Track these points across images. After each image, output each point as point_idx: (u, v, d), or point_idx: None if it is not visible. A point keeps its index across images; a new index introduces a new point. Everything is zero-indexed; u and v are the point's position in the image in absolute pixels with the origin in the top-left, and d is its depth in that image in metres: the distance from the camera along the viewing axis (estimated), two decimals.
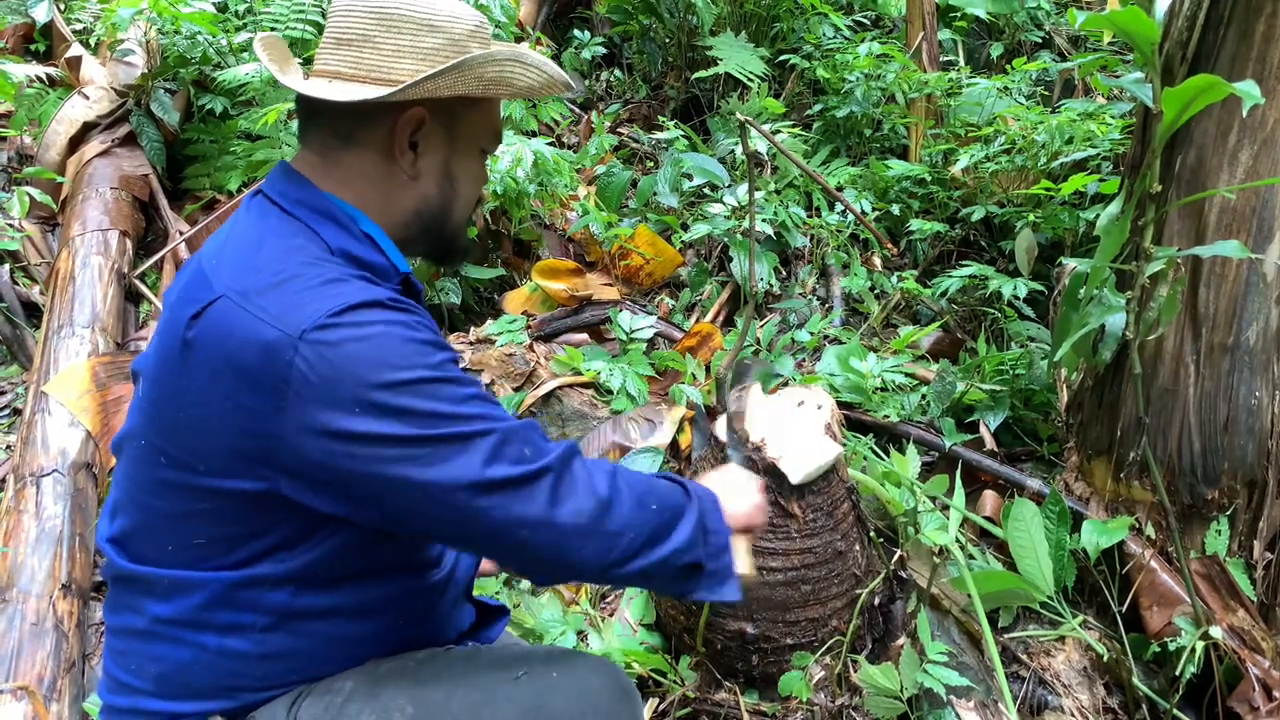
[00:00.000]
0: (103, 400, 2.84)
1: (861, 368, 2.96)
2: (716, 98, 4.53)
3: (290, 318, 1.13)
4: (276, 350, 1.12)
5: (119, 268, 3.29)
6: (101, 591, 2.59)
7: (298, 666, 1.31)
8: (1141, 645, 2.17)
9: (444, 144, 1.35)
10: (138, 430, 1.29)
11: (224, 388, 1.15)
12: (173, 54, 3.97)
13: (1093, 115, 3.48)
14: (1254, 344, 2.06)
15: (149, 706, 1.30)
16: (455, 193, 1.39)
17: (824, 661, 2.09)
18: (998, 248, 3.72)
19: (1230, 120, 1.95)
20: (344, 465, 1.14)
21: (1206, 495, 2.15)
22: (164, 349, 1.24)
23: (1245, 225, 1.99)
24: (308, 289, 1.17)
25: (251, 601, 1.26)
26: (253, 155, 3.80)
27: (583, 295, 3.31)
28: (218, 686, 1.29)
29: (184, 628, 1.27)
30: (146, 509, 1.28)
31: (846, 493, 2.14)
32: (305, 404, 1.11)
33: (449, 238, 1.42)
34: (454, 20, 1.30)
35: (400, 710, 1.27)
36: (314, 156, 1.32)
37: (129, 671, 1.31)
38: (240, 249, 1.25)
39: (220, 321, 1.17)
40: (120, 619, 1.33)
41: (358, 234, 1.30)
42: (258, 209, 1.31)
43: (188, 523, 1.25)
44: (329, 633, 1.31)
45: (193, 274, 1.27)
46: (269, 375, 1.12)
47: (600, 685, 1.32)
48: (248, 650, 1.28)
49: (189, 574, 1.26)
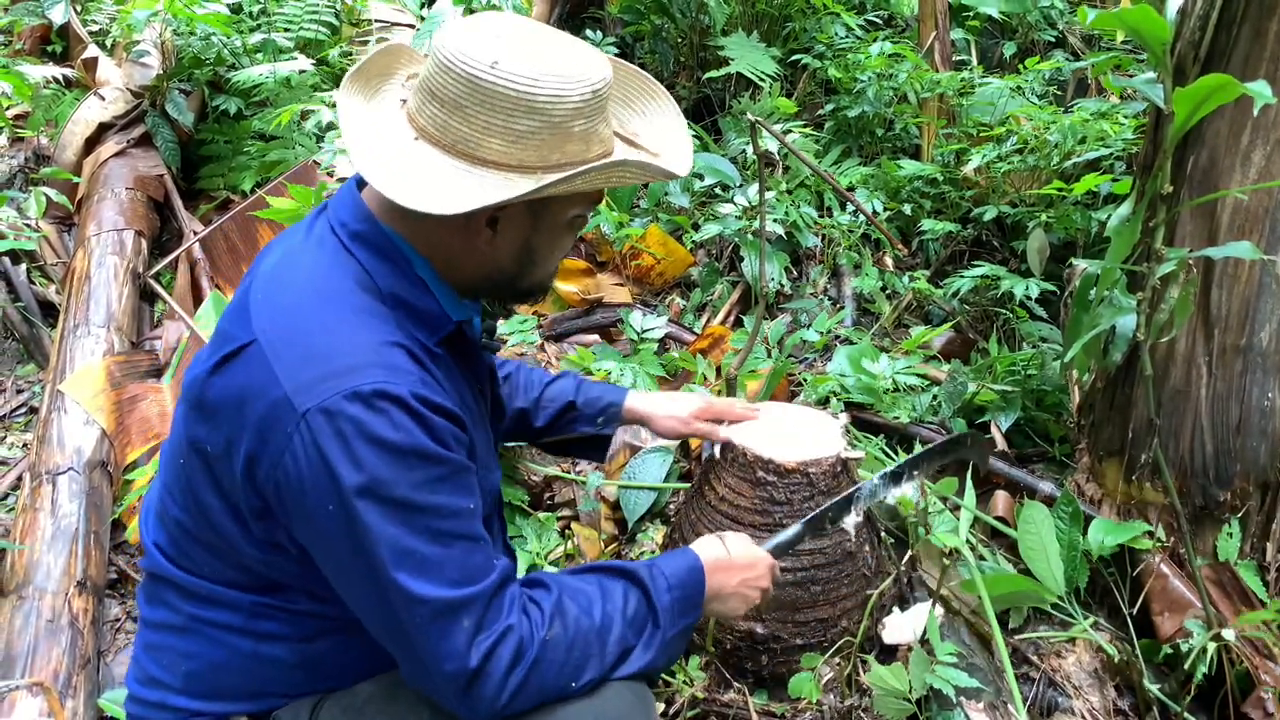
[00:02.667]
0: (117, 399, 2.87)
1: (873, 368, 2.95)
2: (728, 97, 4.53)
3: (305, 390, 1.13)
4: (283, 417, 1.13)
5: (134, 267, 3.31)
6: (116, 589, 2.62)
7: (329, 674, 1.34)
8: (1153, 650, 2.17)
9: (526, 223, 1.27)
10: (176, 449, 1.31)
11: (244, 433, 1.17)
12: (187, 55, 4.00)
13: (1106, 115, 3.46)
14: (1267, 345, 2.05)
15: (176, 703, 1.33)
16: (533, 263, 1.33)
17: (833, 662, 2.08)
18: (1010, 248, 3.70)
19: (1243, 120, 1.94)
20: (310, 537, 1.18)
21: (1219, 497, 2.15)
22: (200, 376, 1.25)
23: (1258, 226, 1.98)
24: (334, 356, 1.15)
25: (288, 616, 1.29)
26: (266, 156, 3.82)
27: (594, 296, 3.32)
28: (248, 690, 1.32)
29: (221, 630, 1.30)
30: (186, 523, 1.30)
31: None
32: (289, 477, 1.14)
33: (521, 291, 1.38)
34: (556, 100, 1.17)
35: (416, 715, 1.30)
36: (388, 203, 1.24)
37: (160, 666, 1.34)
38: (286, 288, 1.24)
39: (247, 369, 1.18)
40: (157, 613, 1.36)
41: (413, 278, 1.26)
42: (317, 237, 1.28)
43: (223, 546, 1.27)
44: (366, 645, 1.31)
45: (239, 301, 1.28)
46: (274, 436, 1.14)
47: (615, 689, 1.32)
48: (284, 658, 1.31)
49: (224, 591, 1.29)
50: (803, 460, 2.02)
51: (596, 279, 3.42)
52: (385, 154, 1.21)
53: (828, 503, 1.82)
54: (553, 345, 3.13)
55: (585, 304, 3.29)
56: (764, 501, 2.04)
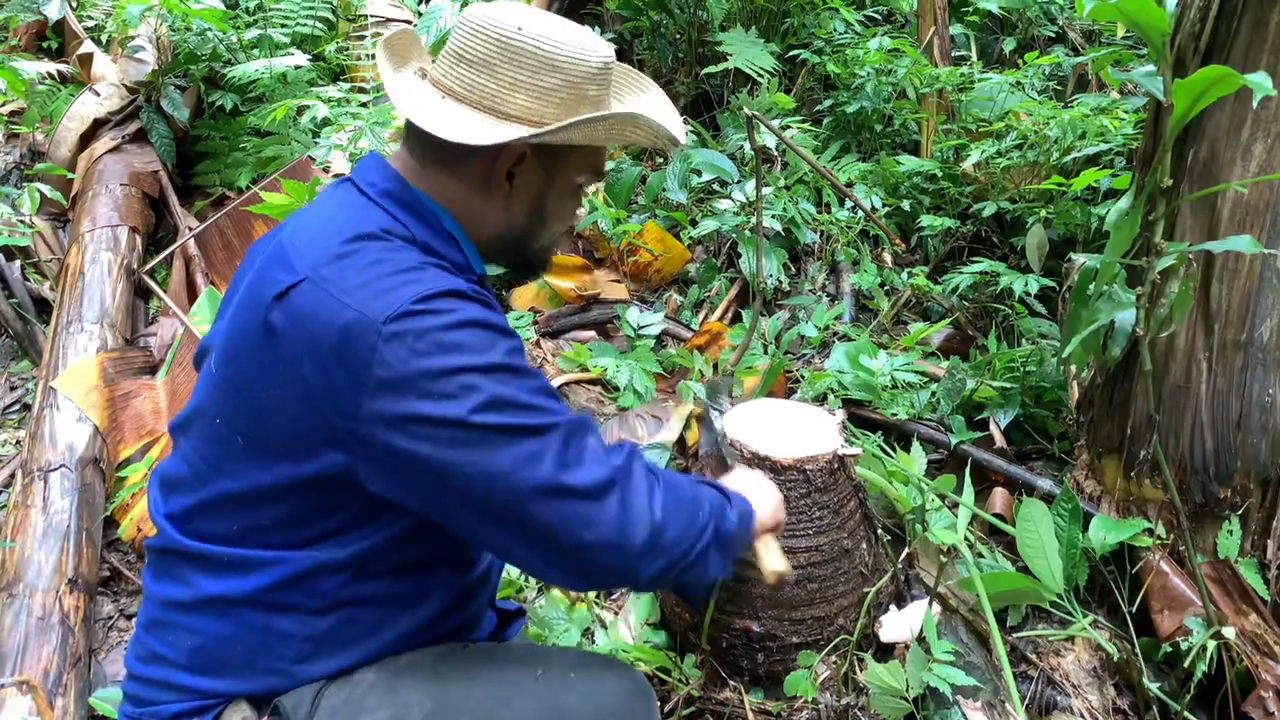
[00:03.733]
0: (111, 396, 2.85)
1: (871, 365, 2.93)
2: (727, 93, 4.51)
3: (374, 304, 1.15)
4: (359, 335, 1.14)
5: (128, 264, 3.30)
6: (109, 587, 2.60)
7: (336, 651, 1.32)
8: (1152, 648, 2.15)
9: (540, 180, 1.35)
10: (210, 408, 1.30)
11: (306, 370, 1.18)
12: (183, 51, 3.98)
13: (1106, 110, 3.44)
14: (1267, 340, 2.03)
15: (178, 680, 1.31)
16: (543, 224, 1.40)
17: (830, 660, 2.07)
18: (1009, 244, 3.68)
19: (1243, 113, 1.92)
20: (416, 449, 1.15)
21: (1219, 494, 2.12)
22: (243, 327, 1.26)
23: (1259, 220, 1.96)
24: (390, 275, 1.19)
25: (310, 585, 1.28)
26: (262, 151, 3.81)
27: (590, 292, 3.30)
28: (252, 666, 1.31)
29: (233, 605, 1.29)
30: (214, 487, 1.29)
31: (853, 490, 2.12)
32: (385, 388, 1.14)
33: (528, 257, 1.45)
34: (576, 61, 1.28)
35: (419, 705, 1.29)
36: (412, 161, 1.33)
37: (164, 643, 1.32)
38: (324, 231, 1.27)
39: (305, 303, 1.19)
40: (164, 588, 1.34)
41: (441, 231, 1.32)
42: (343, 194, 1.34)
43: (257, 503, 1.27)
44: (375, 619, 1.33)
45: (273, 253, 1.29)
46: (351, 359, 1.15)
47: (617, 686, 1.34)
48: (293, 631, 1.30)
49: (250, 553, 1.28)
50: (799, 457, 2.00)
51: (594, 275, 3.41)
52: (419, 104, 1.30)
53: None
54: (549, 341, 3.11)
55: (582, 300, 3.27)
56: None
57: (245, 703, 1.32)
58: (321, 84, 3.96)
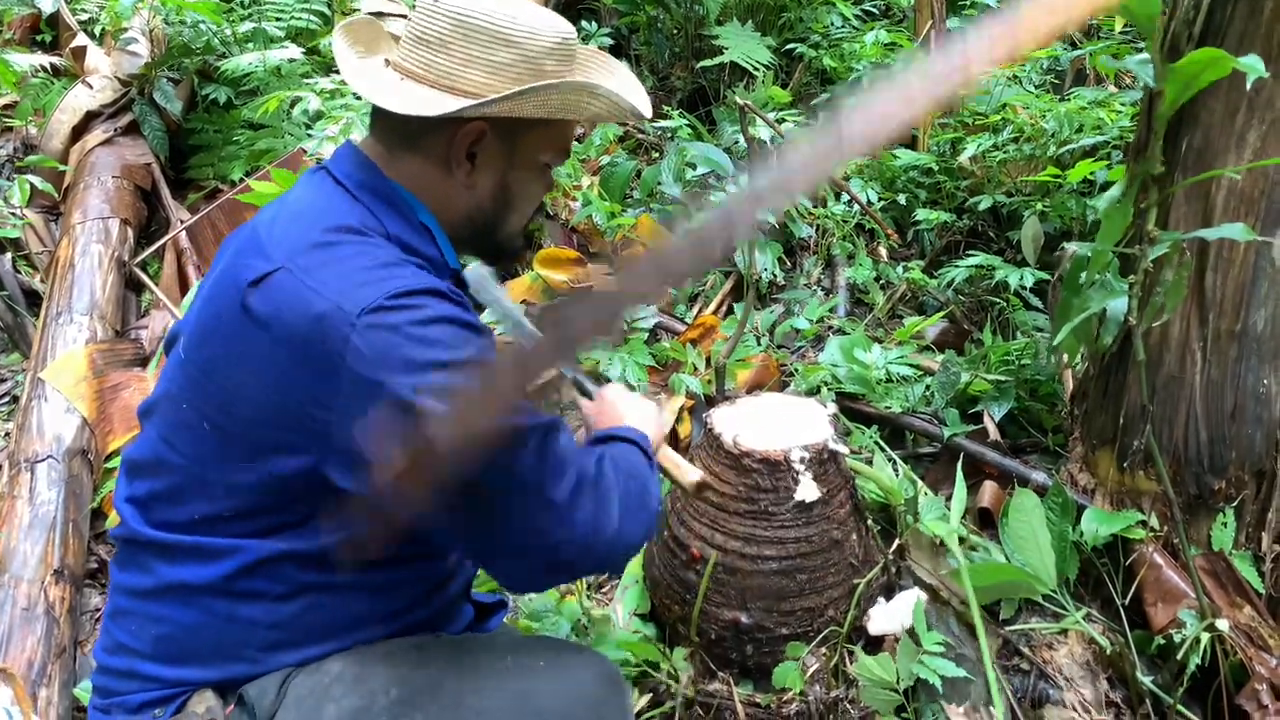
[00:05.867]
0: (99, 387, 2.83)
1: (866, 359, 2.91)
2: (723, 88, 4.50)
3: (349, 296, 1.15)
4: (333, 326, 1.14)
5: (119, 256, 3.28)
6: (96, 579, 2.59)
7: (303, 639, 1.31)
8: (1146, 641, 2.13)
9: (502, 158, 1.35)
10: (177, 394, 1.29)
11: (277, 358, 1.17)
12: (176, 43, 3.97)
13: (1102, 103, 3.42)
14: (1262, 330, 2.01)
15: (143, 669, 1.29)
16: (509, 206, 1.40)
17: (819, 652, 2.05)
18: (1005, 238, 3.66)
19: (1238, 100, 1.90)
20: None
21: (1213, 486, 2.11)
22: (216, 314, 1.25)
23: (1254, 208, 1.94)
24: (368, 269, 1.19)
25: (273, 572, 1.27)
26: (255, 145, 3.79)
27: (584, 286, 3.28)
28: (218, 654, 1.29)
29: (196, 592, 1.27)
30: (178, 474, 1.28)
31: (844, 482, 2.10)
32: (356, 381, 1.13)
33: (499, 244, 1.44)
34: (532, 36, 1.28)
35: (385, 693, 1.27)
36: (380, 147, 1.34)
37: (128, 632, 1.31)
38: (301, 221, 1.27)
39: (279, 292, 1.18)
40: (128, 577, 1.33)
41: (415, 224, 1.32)
42: (320, 184, 1.33)
43: (223, 490, 1.25)
44: (342, 608, 1.32)
45: (248, 241, 1.28)
46: (323, 350, 1.14)
47: (588, 675, 1.32)
48: (259, 618, 1.28)
49: (213, 541, 1.26)
50: (786, 449, 1.99)
51: (587, 268, 3.39)
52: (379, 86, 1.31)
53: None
54: None
55: (575, 293, 3.25)
56: (749, 489, 2.01)
57: (210, 691, 1.30)
58: (316, 77, 3.94)
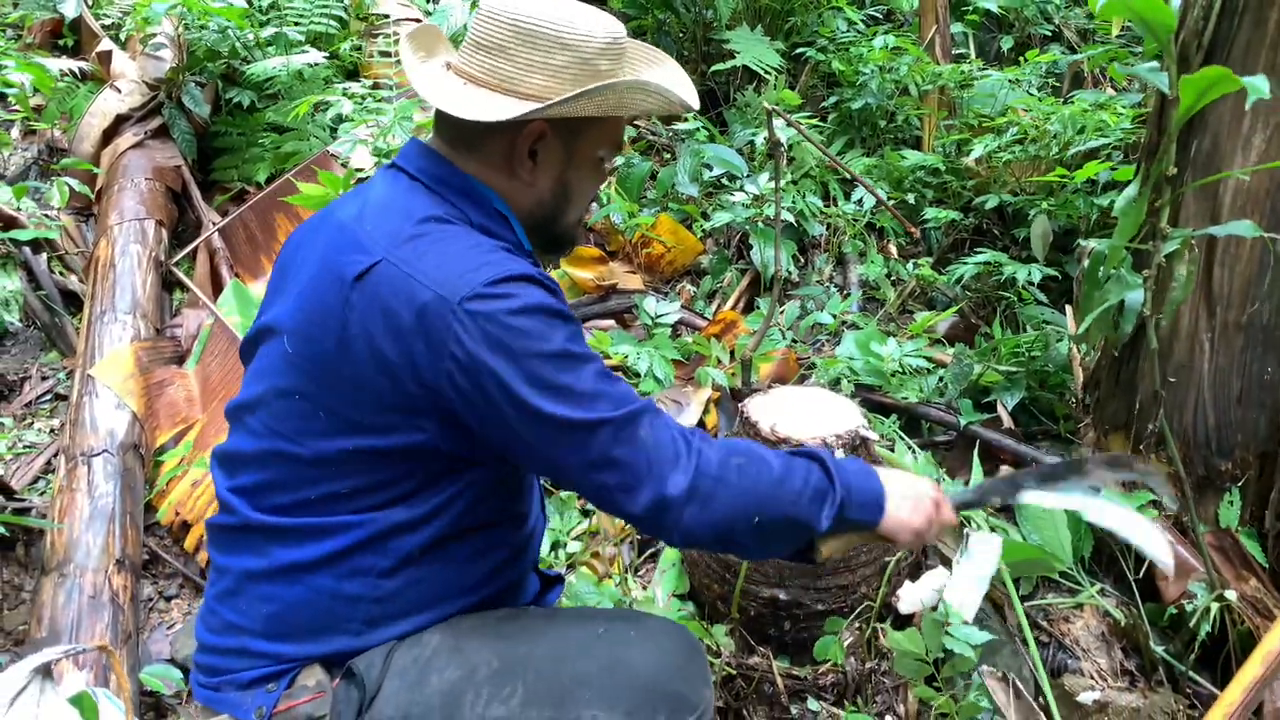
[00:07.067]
0: (146, 384, 2.93)
1: (881, 352, 3.04)
2: (732, 90, 4.61)
3: (450, 285, 1.24)
4: (437, 314, 1.23)
5: (156, 256, 3.38)
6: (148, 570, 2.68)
7: (403, 612, 1.39)
8: (1157, 613, 2.26)
9: (561, 156, 1.41)
10: (290, 387, 1.36)
11: (386, 346, 1.26)
12: (201, 48, 4.05)
13: (1104, 106, 3.56)
14: (1267, 321, 2.15)
15: (255, 646, 1.37)
16: (568, 200, 1.46)
17: (853, 627, 2.17)
18: (1011, 235, 3.80)
19: (1244, 106, 2.03)
20: (490, 411, 1.26)
21: (1220, 467, 2.24)
22: (324, 309, 1.33)
23: (1259, 207, 2.08)
24: (464, 256, 1.28)
25: (383, 547, 1.35)
26: (280, 147, 3.88)
27: (608, 283, 3.40)
28: (325, 629, 1.37)
29: (307, 570, 1.35)
30: (291, 461, 1.36)
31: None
32: (460, 364, 1.23)
33: (558, 235, 1.50)
34: (586, 39, 1.34)
35: (486, 664, 1.35)
36: (446, 146, 1.41)
37: (238, 612, 1.38)
38: (390, 214, 1.36)
39: (383, 283, 1.27)
40: (237, 560, 1.40)
41: (493, 212, 1.41)
42: (396, 181, 1.41)
43: (337, 472, 1.34)
44: (438, 579, 1.40)
45: (339, 237, 1.37)
46: (429, 337, 1.24)
47: (671, 642, 1.40)
48: (362, 593, 1.36)
49: (327, 519, 1.35)
50: (821, 436, 2.10)
51: (610, 266, 3.50)
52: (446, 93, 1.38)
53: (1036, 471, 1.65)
54: None
55: (600, 290, 3.37)
56: None
57: (319, 665, 1.38)
58: (337, 81, 4.04)
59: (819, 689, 2.13)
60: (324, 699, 1.35)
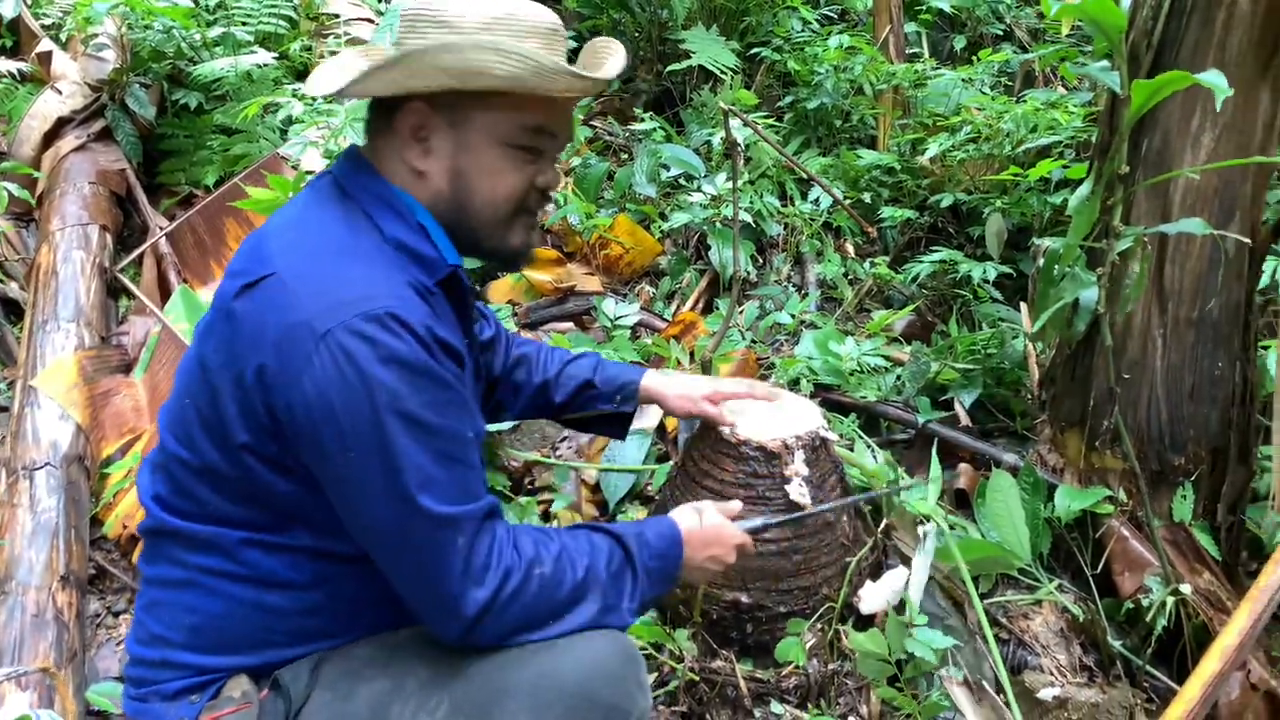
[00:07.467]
0: (91, 394, 2.85)
1: (840, 351, 3.05)
2: (688, 90, 4.60)
3: (324, 312, 1.21)
4: (300, 340, 1.20)
5: (100, 262, 3.29)
6: (95, 585, 2.60)
7: (329, 623, 1.37)
8: (1115, 608, 2.28)
9: (451, 139, 1.34)
10: (183, 390, 1.36)
11: (248, 359, 1.24)
12: (145, 48, 3.95)
13: (1056, 104, 3.60)
14: (1217, 317, 2.18)
15: (179, 658, 1.35)
16: (470, 190, 1.37)
17: (815, 628, 2.16)
18: (965, 233, 3.83)
19: (1193, 105, 2.06)
20: (324, 461, 1.24)
21: (1174, 462, 2.27)
22: (214, 312, 1.33)
23: (1209, 205, 2.10)
24: (353, 281, 1.25)
25: (293, 562, 1.33)
26: (229, 150, 3.80)
27: (567, 285, 3.37)
28: (250, 641, 1.35)
29: (224, 579, 1.33)
30: (186, 468, 1.34)
31: (833, 467, 2.22)
32: (307, 399, 1.20)
33: (476, 236, 1.41)
34: (462, 16, 1.29)
35: (415, 675, 1.33)
36: (368, 145, 1.41)
37: (162, 623, 1.36)
38: (302, 229, 1.34)
39: (266, 298, 1.25)
40: (158, 569, 1.38)
41: (412, 224, 1.36)
42: (325, 190, 1.39)
43: (222, 484, 1.31)
44: (366, 591, 1.37)
45: (254, 246, 1.35)
46: (287, 359, 1.21)
47: (607, 650, 1.36)
48: (286, 606, 1.34)
49: (229, 532, 1.32)
50: (780, 438, 2.09)
51: (567, 268, 3.47)
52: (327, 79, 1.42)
53: (821, 507, 2.01)
54: (528, 333, 3.17)
55: (559, 292, 3.34)
56: (748, 476, 2.11)
57: (245, 676, 1.36)
58: (286, 82, 3.96)
59: (782, 692, 2.12)
60: (249, 710, 1.33)
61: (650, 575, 1.45)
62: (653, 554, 1.47)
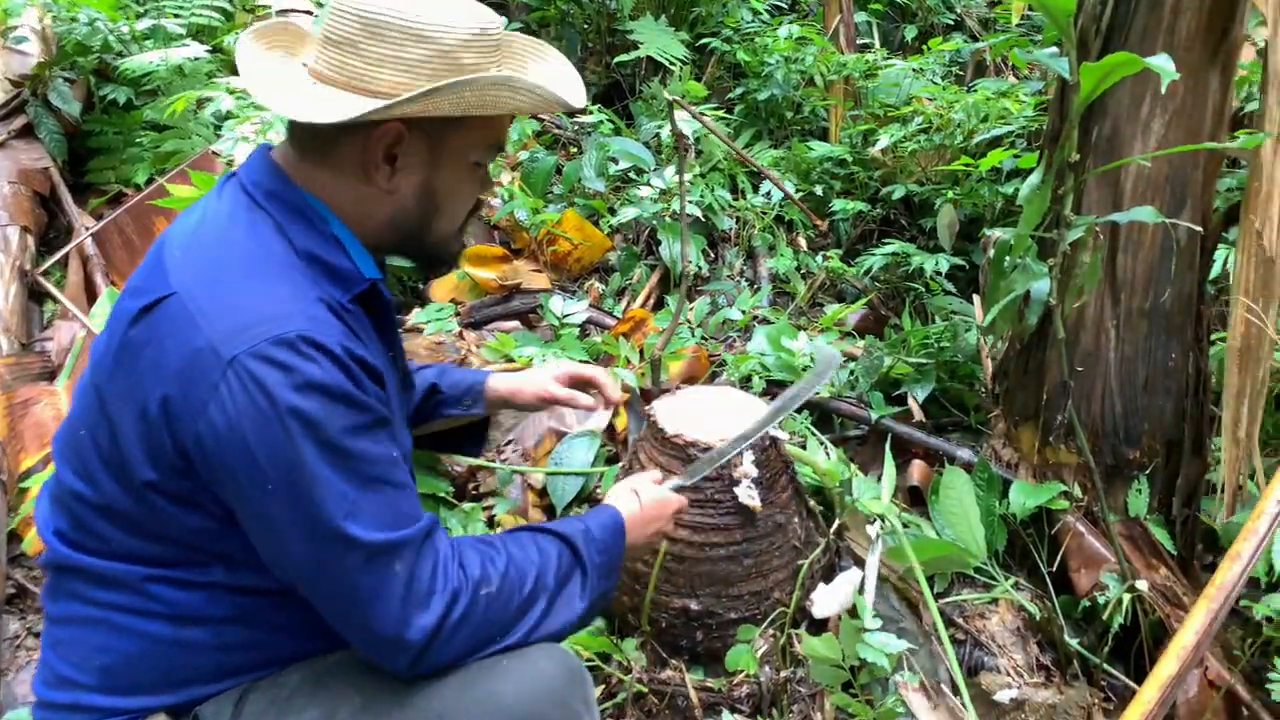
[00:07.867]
0: (9, 403, 2.71)
1: (792, 346, 2.99)
2: (638, 82, 4.52)
3: (231, 336, 1.12)
4: (206, 367, 1.11)
5: (21, 265, 3.14)
6: (15, 604, 2.48)
7: (252, 658, 1.29)
8: (1071, 605, 2.24)
9: (425, 160, 1.30)
10: (79, 418, 1.26)
11: (150, 387, 1.14)
12: (70, 42, 3.79)
13: (1007, 94, 3.57)
14: (1170, 308, 2.14)
15: (90, 702, 1.25)
16: (437, 208, 1.34)
17: (768, 635, 2.10)
18: (918, 225, 3.79)
19: (1142, 92, 2.02)
20: (232, 489, 1.15)
21: (1128, 455, 2.23)
22: (110, 334, 1.22)
23: (1160, 192, 2.06)
24: (262, 302, 1.16)
25: (209, 596, 1.24)
26: (160, 146, 3.65)
27: (512, 282, 3.27)
28: (169, 680, 1.26)
29: (138, 616, 1.24)
30: (89, 502, 1.24)
31: (784, 467, 2.16)
32: (215, 430, 1.11)
33: (430, 248, 1.38)
34: (446, 30, 1.22)
35: (347, 701, 1.26)
36: (294, 152, 1.29)
37: (71, 664, 1.26)
38: (204, 244, 1.23)
39: (166, 321, 1.15)
40: (64, 606, 1.28)
41: (327, 235, 1.27)
42: (230, 197, 1.28)
43: (134, 514, 1.22)
44: (292, 619, 1.29)
45: (154, 262, 1.24)
46: (193, 387, 1.12)
47: (551, 669, 1.30)
48: (205, 641, 1.25)
49: (135, 569, 1.23)
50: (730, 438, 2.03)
51: (514, 265, 3.38)
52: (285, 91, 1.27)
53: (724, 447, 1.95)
54: (472, 333, 3.07)
55: (503, 290, 3.24)
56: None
57: (164, 715, 1.28)
58: (220, 76, 3.82)
59: (734, 701, 2.06)
60: None
61: (599, 570, 1.42)
62: (599, 548, 1.44)
